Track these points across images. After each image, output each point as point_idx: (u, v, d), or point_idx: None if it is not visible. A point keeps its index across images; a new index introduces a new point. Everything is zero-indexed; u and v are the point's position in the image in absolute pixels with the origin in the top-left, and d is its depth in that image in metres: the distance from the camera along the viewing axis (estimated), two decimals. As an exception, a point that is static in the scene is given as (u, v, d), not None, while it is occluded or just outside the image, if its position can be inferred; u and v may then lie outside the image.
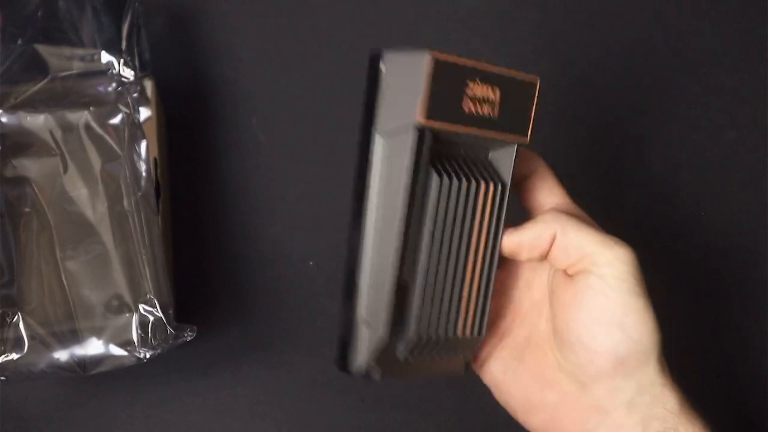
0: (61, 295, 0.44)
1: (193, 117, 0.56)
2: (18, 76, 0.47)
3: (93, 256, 0.45)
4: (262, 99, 0.57)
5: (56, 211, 0.46)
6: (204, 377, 0.53)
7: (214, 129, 0.56)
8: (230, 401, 0.52)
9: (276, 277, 0.54)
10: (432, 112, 0.34)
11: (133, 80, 0.48)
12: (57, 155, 0.46)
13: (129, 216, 0.46)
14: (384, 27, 0.59)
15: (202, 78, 0.57)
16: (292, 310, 0.54)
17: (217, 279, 0.54)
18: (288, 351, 0.53)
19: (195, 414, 0.52)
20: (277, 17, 0.58)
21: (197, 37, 0.57)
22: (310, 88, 0.57)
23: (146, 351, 0.44)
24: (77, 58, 0.48)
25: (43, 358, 0.43)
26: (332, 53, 0.58)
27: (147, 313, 0.44)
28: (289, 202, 0.56)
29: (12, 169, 0.46)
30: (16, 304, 0.44)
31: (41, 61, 0.47)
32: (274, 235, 0.55)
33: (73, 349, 0.44)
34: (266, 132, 0.57)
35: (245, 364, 0.53)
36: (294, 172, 0.56)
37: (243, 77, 0.57)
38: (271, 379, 0.53)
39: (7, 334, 0.43)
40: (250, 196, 0.55)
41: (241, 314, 0.54)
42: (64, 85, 0.47)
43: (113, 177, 0.46)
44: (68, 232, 0.45)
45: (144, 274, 0.45)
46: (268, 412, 0.53)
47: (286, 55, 0.58)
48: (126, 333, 0.44)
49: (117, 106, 0.47)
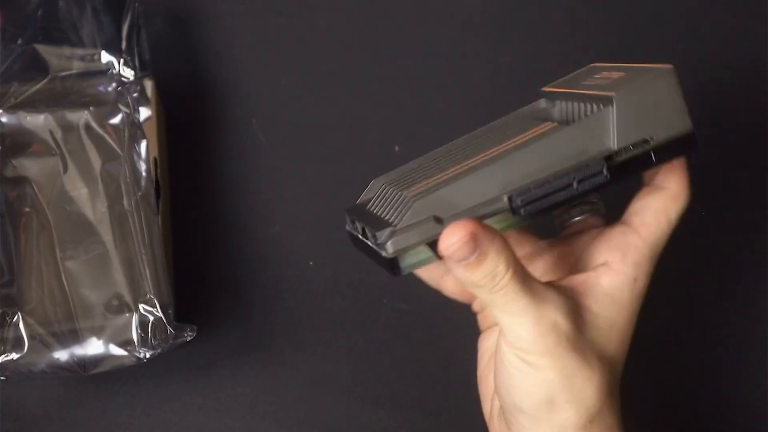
0: (61, 295, 0.44)
1: (193, 117, 0.56)
2: (18, 76, 0.47)
3: (93, 256, 0.45)
4: (262, 99, 0.57)
5: (56, 211, 0.46)
6: (204, 377, 0.53)
7: (214, 129, 0.56)
8: (230, 401, 0.52)
9: (276, 277, 0.54)
10: None
11: (133, 80, 0.48)
12: (57, 155, 0.46)
13: (129, 216, 0.46)
14: (384, 27, 0.59)
15: (202, 78, 0.57)
16: (292, 310, 0.54)
17: (217, 279, 0.54)
18: (288, 351, 0.53)
19: (195, 414, 0.52)
20: (277, 17, 0.58)
21: (197, 37, 0.57)
22: (310, 88, 0.57)
23: (146, 351, 0.44)
24: (77, 58, 0.48)
25: (43, 358, 0.43)
26: (332, 53, 0.58)
27: (147, 313, 0.44)
28: (289, 202, 0.56)
29: (12, 168, 0.46)
30: (16, 304, 0.44)
31: (41, 61, 0.47)
32: (274, 235, 0.55)
33: (73, 349, 0.44)
34: (266, 132, 0.57)
35: (245, 364, 0.53)
36: (294, 172, 0.56)
37: (243, 77, 0.57)
38: (271, 379, 0.53)
39: (7, 334, 0.43)
40: (250, 196, 0.55)
41: (241, 314, 0.54)
42: (64, 85, 0.47)
43: (113, 177, 0.46)
44: (68, 232, 0.45)
45: (144, 274, 0.45)
46: (268, 412, 0.53)
47: (286, 55, 0.58)
48: (126, 333, 0.44)
49: (117, 106, 0.47)
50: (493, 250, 0.34)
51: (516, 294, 0.35)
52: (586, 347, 0.36)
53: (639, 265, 0.38)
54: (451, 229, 0.34)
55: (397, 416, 0.53)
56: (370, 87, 0.58)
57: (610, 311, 0.38)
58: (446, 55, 0.59)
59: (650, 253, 0.38)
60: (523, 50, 0.60)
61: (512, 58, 0.59)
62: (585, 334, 0.37)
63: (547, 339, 0.35)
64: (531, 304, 0.35)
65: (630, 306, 0.38)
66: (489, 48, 0.59)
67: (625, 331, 0.38)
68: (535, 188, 0.36)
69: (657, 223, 0.38)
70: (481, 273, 0.34)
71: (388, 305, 0.54)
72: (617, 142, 0.36)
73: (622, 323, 0.38)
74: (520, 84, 0.59)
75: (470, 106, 0.58)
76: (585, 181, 0.36)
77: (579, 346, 0.36)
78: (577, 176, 0.36)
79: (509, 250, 0.35)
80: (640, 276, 0.38)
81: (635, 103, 0.36)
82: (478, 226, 0.34)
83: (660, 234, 0.38)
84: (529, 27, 0.60)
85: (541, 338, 0.35)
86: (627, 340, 0.38)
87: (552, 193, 0.36)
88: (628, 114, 0.36)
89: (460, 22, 0.60)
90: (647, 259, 0.38)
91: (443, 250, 0.34)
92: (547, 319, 0.35)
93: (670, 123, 0.36)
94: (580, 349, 0.36)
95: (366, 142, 0.57)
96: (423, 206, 0.35)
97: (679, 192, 0.39)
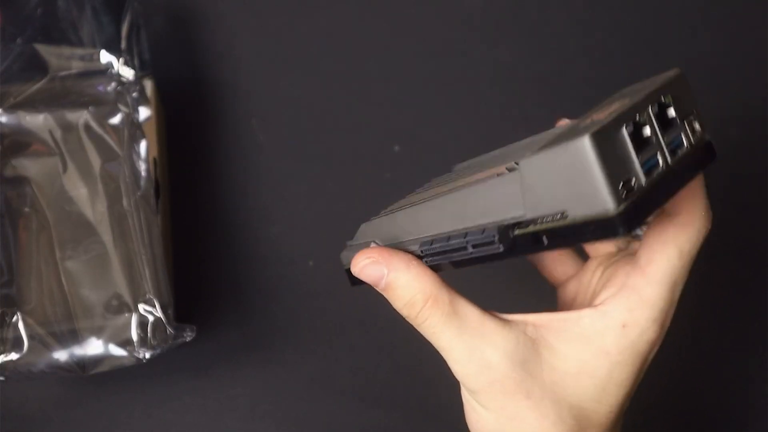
0: (60, 295, 0.44)
1: (193, 117, 0.56)
2: (17, 76, 0.47)
3: (92, 256, 0.45)
4: (262, 99, 0.57)
5: (55, 211, 0.46)
6: (204, 377, 0.53)
7: (214, 129, 0.56)
8: (230, 401, 0.52)
9: (276, 277, 0.54)
10: None
11: (133, 80, 0.48)
12: (56, 155, 0.46)
13: (128, 216, 0.46)
14: (384, 27, 0.59)
15: (202, 78, 0.57)
16: (292, 310, 0.54)
17: (217, 279, 0.54)
18: (288, 351, 0.53)
19: (195, 414, 0.52)
20: (277, 17, 0.58)
21: (197, 37, 0.57)
22: (310, 88, 0.57)
23: (146, 351, 0.44)
24: (77, 58, 0.48)
25: (43, 358, 0.43)
26: (332, 53, 0.58)
27: (146, 313, 0.44)
28: (289, 202, 0.56)
29: (11, 168, 0.46)
30: (16, 304, 0.44)
31: (41, 61, 0.47)
32: (273, 235, 0.55)
33: (73, 349, 0.44)
34: (266, 132, 0.57)
35: (245, 364, 0.53)
36: (294, 172, 0.56)
37: (243, 77, 0.57)
38: (271, 379, 0.53)
39: (7, 334, 0.43)
40: (250, 196, 0.55)
41: (241, 314, 0.54)
42: (63, 85, 0.47)
43: (113, 177, 0.46)
44: (67, 232, 0.45)
45: (143, 274, 0.45)
46: (268, 412, 0.52)
47: (286, 55, 0.58)
48: (125, 333, 0.44)
49: (116, 105, 0.47)
50: (405, 278, 0.34)
51: (440, 327, 0.33)
52: (535, 388, 0.33)
53: (632, 311, 0.32)
54: (362, 252, 0.35)
55: (397, 416, 0.53)
56: (370, 87, 0.58)
57: (583, 354, 0.33)
58: (446, 55, 0.59)
59: (657, 295, 0.32)
60: (523, 50, 0.60)
61: (512, 58, 0.59)
62: (539, 375, 0.33)
63: (479, 377, 0.33)
64: (457, 337, 0.33)
65: (617, 354, 0.32)
66: (489, 48, 0.59)
67: (606, 380, 0.33)
68: (436, 242, 0.34)
69: (665, 258, 0.32)
70: (398, 302, 0.34)
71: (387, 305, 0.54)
72: (527, 211, 0.30)
73: (600, 371, 0.33)
74: (520, 84, 0.59)
75: (470, 105, 0.58)
76: (479, 247, 0.32)
77: (523, 387, 0.33)
78: (471, 240, 0.32)
79: (431, 279, 0.33)
80: (633, 323, 0.32)
81: (542, 173, 0.29)
82: (387, 254, 0.34)
83: (671, 271, 0.32)
84: (529, 27, 0.60)
85: (473, 376, 0.33)
86: (612, 392, 0.33)
87: (448, 251, 0.33)
88: (535, 183, 0.29)
89: (460, 21, 0.60)
90: (647, 304, 0.32)
91: (354, 271, 0.35)
92: (478, 354, 0.33)
93: (587, 202, 0.28)
94: (524, 390, 0.33)
95: (366, 142, 0.57)
96: (367, 229, 0.37)
97: (692, 219, 0.32)
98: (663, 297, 0.32)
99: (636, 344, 0.33)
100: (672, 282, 0.32)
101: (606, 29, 0.61)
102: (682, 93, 0.30)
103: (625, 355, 0.33)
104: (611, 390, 0.33)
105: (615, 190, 0.27)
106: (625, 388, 0.33)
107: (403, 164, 0.56)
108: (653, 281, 0.32)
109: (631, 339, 0.32)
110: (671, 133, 0.29)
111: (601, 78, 0.60)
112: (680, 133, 0.29)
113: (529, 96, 0.59)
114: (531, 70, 0.58)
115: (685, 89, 0.30)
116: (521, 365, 0.33)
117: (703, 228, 0.33)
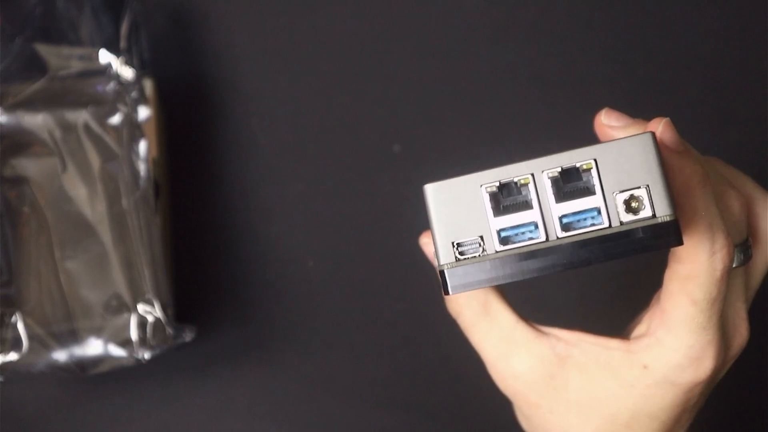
0: (59, 295, 0.44)
1: (193, 117, 0.56)
2: (16, 75, 0.47)
3: (92, 256, 0.45)
4: (262, 99, 0.57)
5: (55, 211, 0.46)
6: (204, 377, 0.53)
7: (214, 129, 0.56)
8: (230, 401, 0.52)
9: (276, 277, 0.54)
10: None
11: (133, 80, 0.48)
12: (55, 155, 0.46)
13: (128, 216, 0.46)
14: (384, 27, 0.59)
15: (202, 78, 0.57)
16: (292, 310, 0.54)
17: (217, 279, 0.54)
18: (288, 351, 0.53)
19: (195, 414, 0.52)
20: (277, 17, 0.58)
21: (197, 37, 0.57)
22: (310, 88, 0.57)
23: (145, 351, 0.44)
24: (76, 57, 0.48)
25: (42, 359, 0.43)
26: (332, 53, 0.58)
27: (146, 313, 0.44)
28: (289, 202, 0.55)
29: (10, 168, 0.46)
30: (15, 304, 0.44)
31: (40, 60, 0.47)
32: (273, 235, 0.55)
33: (72, 350, 0.44)
34: (266, 132, 0.57)
35: (245, 364, 0.53)
36: (294, 172, 0.56)
37: (243, 77, 0.57)
38: (271, 379, 0.53)
39: (6, 335, 0.43)
40: (250, 196, 0.55)
41: (241, 314, 0.54)
42: (62, 85, 0.47)
43: (112, 177, 0.46)
44: (67, 232, 0.45)
45: (143, 274, 0.45)
46: (267, 412, 0.52)
47: (286, 55, 0.58)
48: (125, 333, 0.44)
49: (116, 105, 0.47)
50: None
51: (469, 325, 0.34)
52: (559, 405, 0.33)
53: (653, 359, 0.31)
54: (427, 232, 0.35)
55: (397, 416, 0.53)
56: (369, 87, 0.58)
57: (609, 382, 0.32)
58: (446, 55, 0.59)
59: (678, 342, 0.30)
60: (523, 50, 0.59)
61: (512, 58, 0.59)
62: (563, 392, 0.33)
63: (506, 382, 0.34)
64: (486, 340, 0.34)
65: (644, 389, 0.31)
66: (489, 48, 0.59)
67: (634, 410, 0.32)
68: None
69: (679, 307, 0.30)
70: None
71: (388, 305, 0.54)
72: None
73: (627, 402, 0.32)
74: (520, 84, 0.59)
75: (470, 105, 0.58)
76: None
77: (547, 401, 0.33)
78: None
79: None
80: (654, 368, 0.31)
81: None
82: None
83: (687, 318, 0.30)
84: (529, 27, 0.60)
85: (500, 380, 0.34)
86: (643, 422, 0.32)
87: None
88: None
89: (460, 21, 0.60)
90: (670, 349, 0.31)
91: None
92: (505, 361, 0.34)
93: None
94: (548, 405, 0.33)
95: (366, 142, 0.57)
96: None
97: (696, 270, 0.29)
98: (686, 343, 0.30)
99: (661, 384, 0.31)
100: (693, 327, 0.30)
101: (606, 29, 0.61)
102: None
103: (653, 389, 0.31)
104: (642, 420, 0.32)
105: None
106: (658, 420, 0.32)
107: (403, 164, 0.56)
108: (672, 329, 0.30)
109: (655, 379, 0.31)
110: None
111: (601, 78, 0.60)
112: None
113: (530, 96, 0.59)
114: (531, 70, 0.58)
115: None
116: (546, 379, 0.33)
117: (715, 271, 0.29)
